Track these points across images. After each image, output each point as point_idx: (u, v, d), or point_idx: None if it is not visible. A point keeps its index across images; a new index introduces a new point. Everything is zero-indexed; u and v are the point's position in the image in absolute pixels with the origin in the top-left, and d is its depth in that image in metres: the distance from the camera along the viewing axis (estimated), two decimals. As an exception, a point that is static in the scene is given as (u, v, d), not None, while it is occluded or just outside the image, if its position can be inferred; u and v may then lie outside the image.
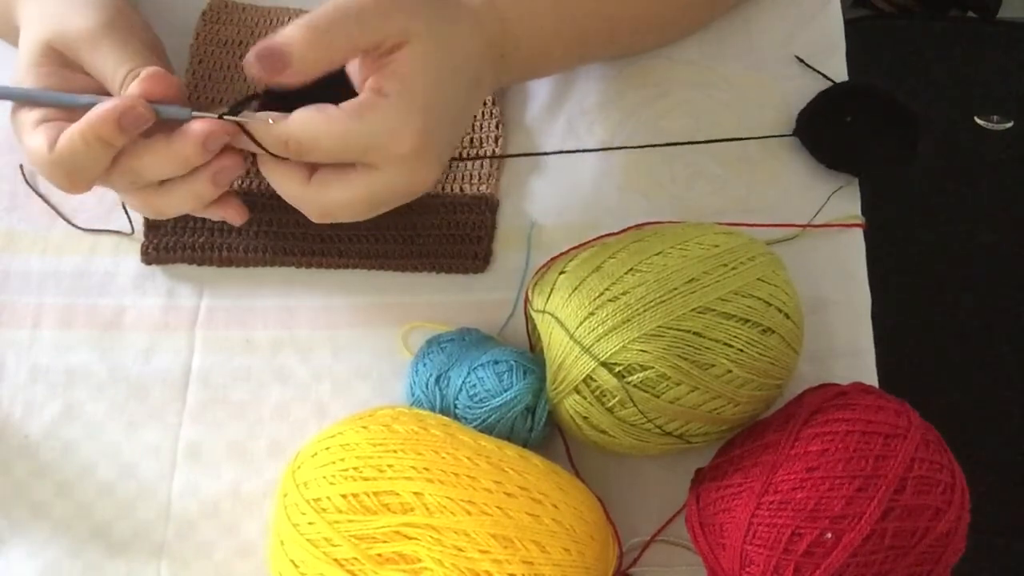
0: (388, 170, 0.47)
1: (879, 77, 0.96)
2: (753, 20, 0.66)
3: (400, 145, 0.46)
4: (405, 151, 0.46)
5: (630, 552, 0.54)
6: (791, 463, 0.47)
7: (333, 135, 0.46)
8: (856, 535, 0.45)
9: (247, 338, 0.60)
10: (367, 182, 0.47)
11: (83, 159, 0.47)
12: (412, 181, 0.48)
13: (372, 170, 0.47)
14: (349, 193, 0.47)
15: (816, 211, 0.61)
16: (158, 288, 0.61)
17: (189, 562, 0.56)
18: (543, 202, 0.62)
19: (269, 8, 0.66)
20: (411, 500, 0.47)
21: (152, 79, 0.47)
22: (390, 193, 0.48)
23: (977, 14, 1.16)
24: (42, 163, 0.48)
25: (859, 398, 0.49)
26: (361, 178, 0.47)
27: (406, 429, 0.49)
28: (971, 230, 0.92)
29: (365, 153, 0.46)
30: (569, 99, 0.65)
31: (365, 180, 0.47)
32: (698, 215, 0.61)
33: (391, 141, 0.46)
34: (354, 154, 0.46)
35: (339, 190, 0.47)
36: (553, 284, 0.53)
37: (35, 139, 0.48)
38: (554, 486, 0.48)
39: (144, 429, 0.58)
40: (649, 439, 0.50)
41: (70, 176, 0.48)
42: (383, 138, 0.46)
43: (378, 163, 0.46)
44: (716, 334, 0.48)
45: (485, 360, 0.53)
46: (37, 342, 0.60)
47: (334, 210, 0.48)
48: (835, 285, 0.60)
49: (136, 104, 0.46)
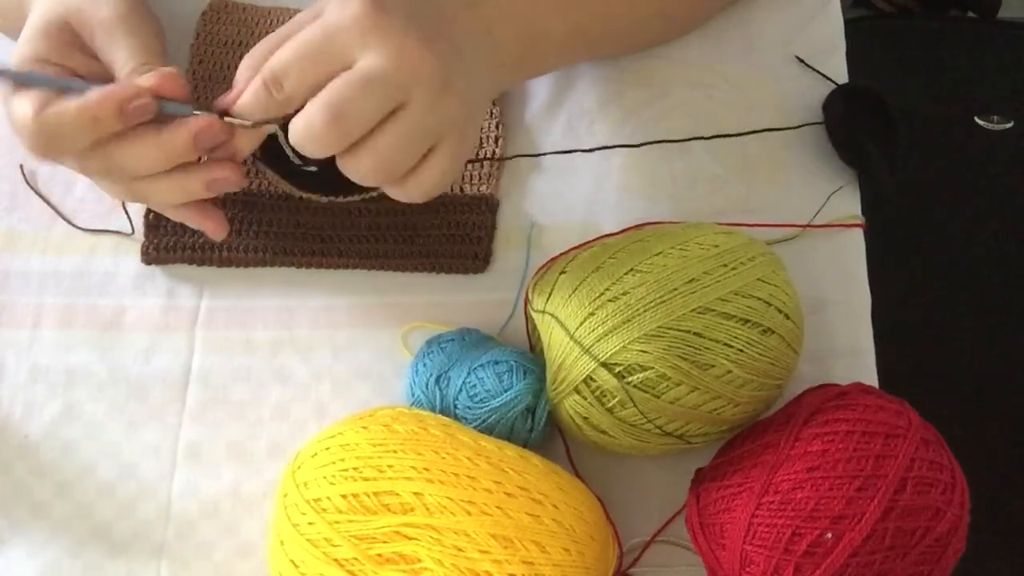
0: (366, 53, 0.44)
1: (879, 77, 0.96)
2: (753, 20, 0.66)
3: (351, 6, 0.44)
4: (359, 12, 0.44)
5: (630, 552, 0.54)
6: (791, 463, 0.47)
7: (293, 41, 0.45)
8: (856, 535, 0.45)
9: (247, 338, 0.60)
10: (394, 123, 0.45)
11: (69, 131, 0.47)
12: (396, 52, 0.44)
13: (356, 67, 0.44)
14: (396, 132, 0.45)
15: (816, 211, 0.61)
16: (158, 288, 0.61)
17: (189, 562, 0.56)
18: (543, 202, 0.62)
19: (269, 8, 0.66)
20: (411, 500, 0.47)
21: (168, 77, 0.48)
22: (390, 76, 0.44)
23: (977, 14, 1.16)
24: (24, 126, 0.47)
25: (859, 398, 0.49)
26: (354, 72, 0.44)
27: (406, 429, 0.49)
28: (971, 230, 0.92)
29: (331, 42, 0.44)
30: (569, 99, 0.65)
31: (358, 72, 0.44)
32: (698, 215, 0.60)
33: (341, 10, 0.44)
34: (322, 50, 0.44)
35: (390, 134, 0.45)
36: (553, 284, 0.53)
37: (21, 103, 0.48)
38: (554, 486, 0.48)
39: (144, 429, 0.58)
40: (649, 439, 0.50)
41: (48, 144, 0.47)
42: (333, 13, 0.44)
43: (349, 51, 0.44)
44: (716, 334, 0.48)
45: (485, 360, 0.53)
46: (37, 342, 0.60)
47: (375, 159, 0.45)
48: (835, 285, 0.60)
49: (143, 95, 0.47)
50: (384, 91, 0.44)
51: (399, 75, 0.44)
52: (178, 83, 0.48)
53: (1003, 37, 1.00)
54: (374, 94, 0.44)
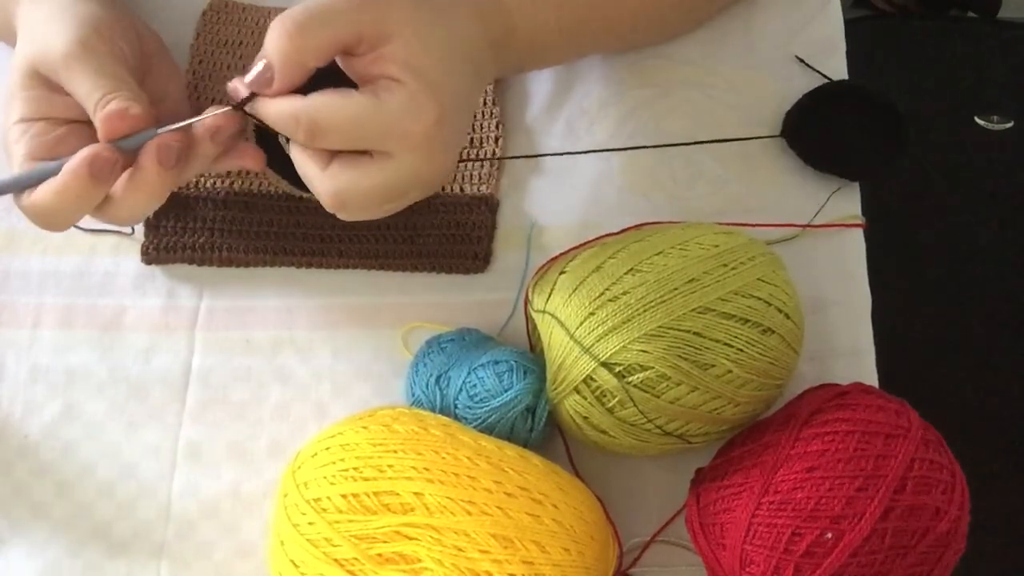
0: (404, 157, 0.46)
1: (879, 77, 0.96)
2: (753, 20, 0.66)
3: (417, 126, 0.45)
4: (421, 133, 0.45)
5: (630, 552, 0.54)
6: (791, 463, 0.47)
7: (350, 115, 0.45)
8: (856, 535, 0.45)
9: (247, 338, 0.60)
10: (383, 168, 0.46)
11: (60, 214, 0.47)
12: (428, 168, 0.46)
13: (388, 158, 0.46)
14: (365, 181, 0.46)
15: (816, 211, 0.61)
16: (158, 288, 0.61)
17: (189, 562, 0.56)
18: (543, 202, 0.62)
19: (269, 8, 0.66)
20: (411, 500, 0.47)
21: (111, 118, 0.47)
22: (405, 182, 0.46)
23: (977, 14, 1.16)
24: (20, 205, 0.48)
25: (859, 398, 0.49)
26: (377, 165, 0.46)
27: (406, 429, 0.49)
28: (971, 230, 0.92)
29: (381, 137, 0.45)
30: (569, 99, 0.65)
31: (380, 167, 0.46)
32: (698, 215, 0.60)
33: (408, 122, 0.45)
34: (370, 137, 0.45)
35: (355, 176, 0.46)
36: (553, 284, 0.53)
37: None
38: (554, 486, 0.48)
39: (144, 429, 0.58)
40: (649, 439, 0.50)
41: (49, 226, 0.48)
42: (401, 120, 0.45)
43: (393, 149, 0.45)
44: (716, 334, 0.48)
45: (485, 360, 0.53)
46: (37, 342, 0.60)
47: (348, 198, 0.47)
48: (835, 285, 0.60)
49: (100, 150, 0.46)
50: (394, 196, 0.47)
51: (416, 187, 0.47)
52: (122, 118, 0.47)
53: (1003, 37, 1.00)
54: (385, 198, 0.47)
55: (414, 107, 0.45)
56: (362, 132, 0.45)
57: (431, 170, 0.47)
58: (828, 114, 0.62)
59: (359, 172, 0.46)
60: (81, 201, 0.46)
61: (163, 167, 0.47)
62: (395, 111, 0.45)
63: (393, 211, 0.48)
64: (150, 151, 0.47)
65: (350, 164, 0.46)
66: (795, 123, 0.62)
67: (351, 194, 0.46)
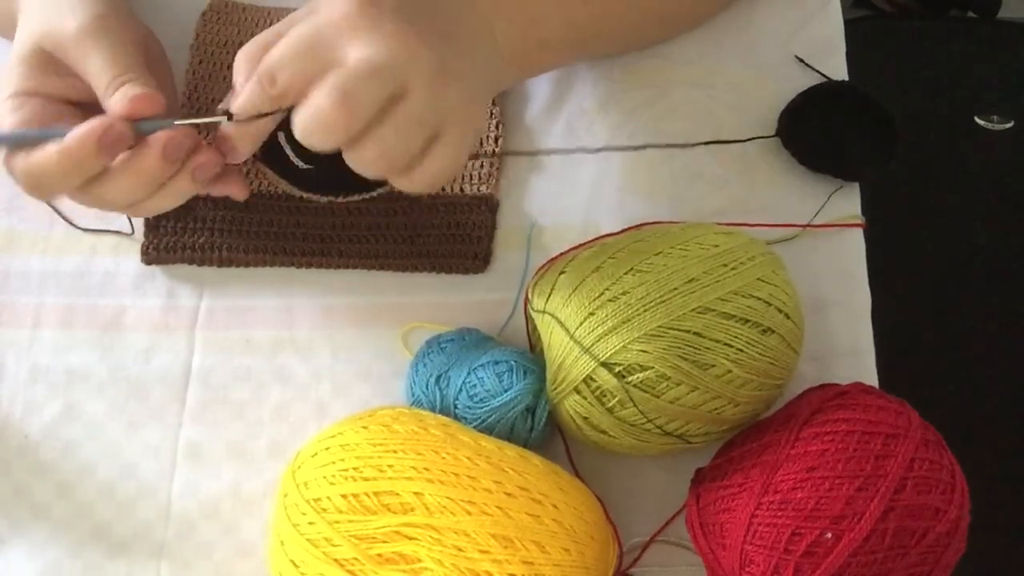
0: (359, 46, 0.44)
1: (879, 77, 0.96)
2: (753, 20, 0.66)
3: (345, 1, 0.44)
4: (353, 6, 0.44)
5: (630, 552, 0.54)
6: (791, 463, 0.47)
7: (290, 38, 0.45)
8: (856, 535, 0.45)
9: (247, 338, 0.60)
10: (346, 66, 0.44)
11: (55, 177, 0.47)
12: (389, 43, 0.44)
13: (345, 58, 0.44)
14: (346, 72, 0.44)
15: (816, 211, 0.61)
16: (158, 288, 0.61)
17: (189, 562, 0.56)
18: (543, 202, 0.62)
19: (269, 8, 0.66)
20: (411, 500, 0.47)
21: (141, 99, 0.47)
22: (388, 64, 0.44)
23: (977, 14, 1.16)
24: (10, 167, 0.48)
25: (859, 398, 0.49)
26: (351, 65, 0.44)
27: (406, 429, 0.49)
28: (971, 230, 0.92)
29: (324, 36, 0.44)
30: (569, 99, 0.65)
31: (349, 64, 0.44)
32: (698, 215, 0.60)
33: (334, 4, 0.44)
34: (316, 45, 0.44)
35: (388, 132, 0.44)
36: (553, 284, 0.53)
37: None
38: (554, 486, 0.48)
39: (144, 429, 0.58)
40: (649, 439, 0.50)
41: (38, 190, 0.48)
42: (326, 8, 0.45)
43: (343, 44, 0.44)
44: (716, 334, 0.48)
45: (485, 360, 0.53)
46: (37, 342, 0.60)
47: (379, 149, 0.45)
48: (835, 285, 0.60)
49: (116, 124, 0.46)
50: (384, 77, 0.44)
51: (395, 62, 0.44)
52: (152, 101, 0.47)
53: (1003, 37, 1.01)
54: (375, 80, 0.44)
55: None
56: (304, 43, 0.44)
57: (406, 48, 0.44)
58: (822, 114, 0.62)
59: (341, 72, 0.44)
60: (80, 169, 0.46)
61: (166, 160, 0.47)
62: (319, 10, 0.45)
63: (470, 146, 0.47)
64: (159, 140, 0.47)
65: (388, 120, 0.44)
66: (789, 123, 0.62)
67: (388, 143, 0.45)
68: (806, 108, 0.62)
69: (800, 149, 0.61)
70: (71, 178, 0.47)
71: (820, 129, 0.62)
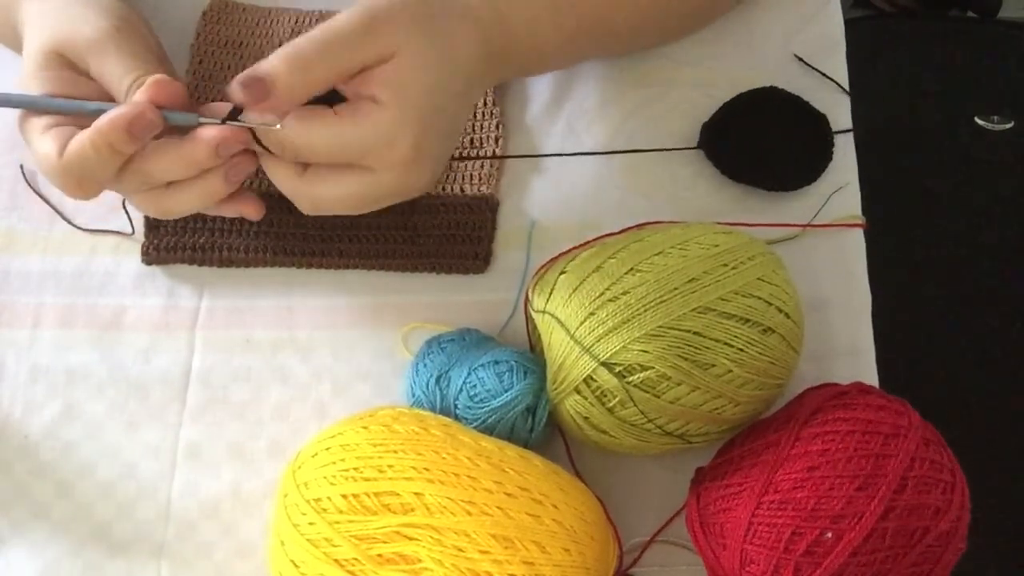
0: (382, 173, 0.47)
1: (879, 77, 0.96)
2: (753, 20, 0.66)
3: (394, 152, 0.47)
4: (399, 158, 0.47)
5: (630, 552, 0.54)
6: (791, 463, 0.47)
7: (328, 139, 0.46)
8: (856, 534, 0.45)
9: (247, 338, 0.60)
10: (360, 181, 0.48)
11: (93, 165, 0.47)
12: (405, 185, 0.48)
13: (366, 171, 0.48)
14: (342, 190, 0.48)
15: (816, 211, 0.61)
16: (158, 288, 0.61)
17: (189, 562, 0.56)
18: (543, 202, 0.62)
19: (269, 8, 0.66)
20: (411, 500, 0.47)
21: (158, 85, 0.48)
22: (382, 194, 0.49)
23: (977, 14, 1.16)
24: (51, 169, 0.48)
25: (859, 398, 0.49)
26: (355, 177, 0.48)
27: (406, 429, 0.49)
28: (971, 230, 0.92)
29: (360, 158, 0.47)
30: (569, 99, 0.65)
31: (358, 179, 0.48)
32: (698, 215, 0.60)
33: (386, 147, 0.46)
34: (348, 158, 0.47)
35: (332, 186, 0.48)
36: (553, 284, 0.53)
37: (44, 144, 0.48)
38: (554, 486, 0.48)
39: (144, 429, 0.58)
40: (650, 439, 0.50)
41: (80, 182, 0.48)
42: (378, 144, 0.46)
43: (372, 166, 0.47)
44: (716, 334, 0.48)
45: (485, 360, 0.53)
46: (37, 342, 0.60)
47: (325, 204, 0.49)
48: (835, 285, 0.60)
49: (145, 110, 0.46)
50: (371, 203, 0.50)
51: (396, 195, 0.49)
52: (169, 87, 0.48)
53: (1003, 37, 1.01)
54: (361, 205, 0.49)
55: (390, 132, 0.46)
56: (341, 154, 0.47)
57: (409, 185, 0.49)
58: (750, 123, 0.62)
59: (335, 181, 0.48)
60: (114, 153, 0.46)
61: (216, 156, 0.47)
62: (370, 136, 0.46)
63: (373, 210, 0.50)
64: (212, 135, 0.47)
65: (327, 173, 0.48)
66: (712, 134, 0.62)
67: (328, 200, 0.49)
68: (730, 118, 0.62)
69: (722, 160, 0.61)
70: (109, 163, 0.47)
71: (746, 139, 0.61)
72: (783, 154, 0.61)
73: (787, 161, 0.61)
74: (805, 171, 0.61)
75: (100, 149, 0.46)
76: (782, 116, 0.62)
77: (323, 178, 0.48)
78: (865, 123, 0.64)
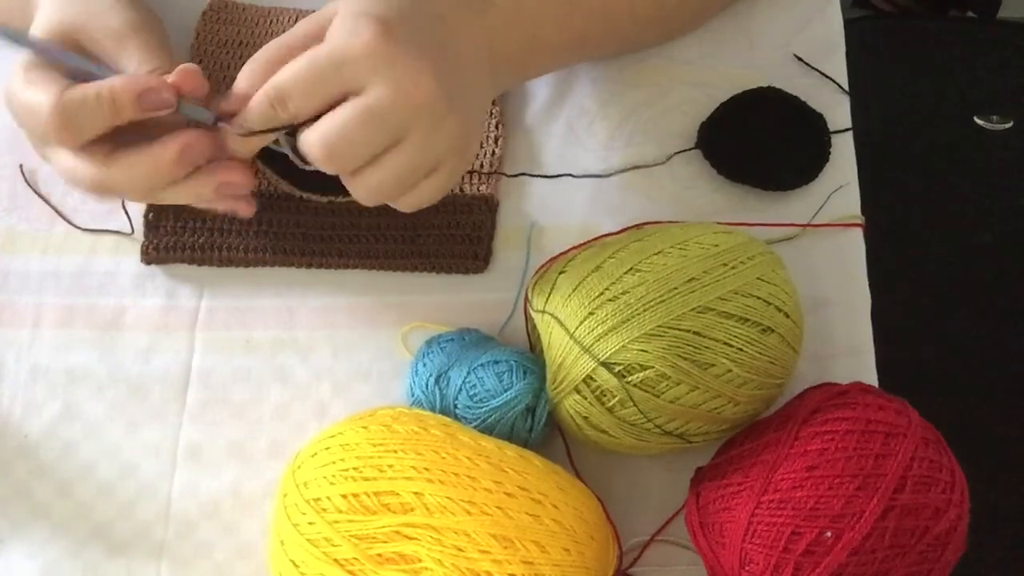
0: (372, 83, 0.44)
1: (879, 77, 0.96)
2: (753, 20, 0.66)
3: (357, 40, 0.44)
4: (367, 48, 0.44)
5: (630, 552, 0.54)
6: (791, 462, 0.47)
7: (302, 64, 0.45)
8: (856, 534, 0.45)
9: (247, 338, 0.60)
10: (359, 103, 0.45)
11: (87, 114, 0.46)
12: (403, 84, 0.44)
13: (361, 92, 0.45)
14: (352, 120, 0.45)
15: (816, 211, 0.61)
16: (158, 288, 0.61)
17: (189, 562, 0.56)
18: (543, 202, 0.62)
19: (269, 8, 0.66)
20: (411, 500, 0.47)
21: (186, 72, 0.48)
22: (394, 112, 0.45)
23: (977, 14, 1.17)
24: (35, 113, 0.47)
25: (859, 397, 0.49)
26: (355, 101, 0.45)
27: (406, 429, 0.50)
28: (971, 230, 0.92)
29: (337, 71, 0.45)
30: (569, 99, 0.65)
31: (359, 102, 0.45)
32: (698, 215, 0.61)
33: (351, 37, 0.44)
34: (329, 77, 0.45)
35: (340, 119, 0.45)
36: (553, 284, 0.53)
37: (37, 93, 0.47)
38: (554, 486, 0.48)
39: (144, 429, 0.58)
40: (649, 439, 0.50)
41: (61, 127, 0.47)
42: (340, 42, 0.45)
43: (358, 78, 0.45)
44: (716, 333, 0.48)
45: (485, 360, 0.53)
46: (37, 342, 0.60)
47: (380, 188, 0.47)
48: (835, 285, 0.60)
49: (163, 87, 0.47)
50: (384, 127, 0.45)
51: (401, 111, 0.45)
52: (196, 81, 0.48)
53: (1003, 37, 1.01)
54: (373, 130, 0.45)
55: (352, 22, 0.45)
56: (319, 74, 0.45)
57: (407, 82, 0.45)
58: (747, 122, 0.62)
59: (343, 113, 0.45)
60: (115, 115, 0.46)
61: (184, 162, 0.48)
62: (337, 36, 0.45)
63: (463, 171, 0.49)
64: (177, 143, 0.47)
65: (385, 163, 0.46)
66: (709, 134, 0.62)
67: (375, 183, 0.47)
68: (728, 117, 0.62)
69: (720, 160, 0.61)
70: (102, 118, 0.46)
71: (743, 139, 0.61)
72: (780, 154, 0.62)
73: (784, 161, 0.61)
74: (802, 171, 0.61)
75: (103, 102, 0.46)
76: (779, 116, 0.62)
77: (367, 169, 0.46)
78: (865, 123, 0.64)
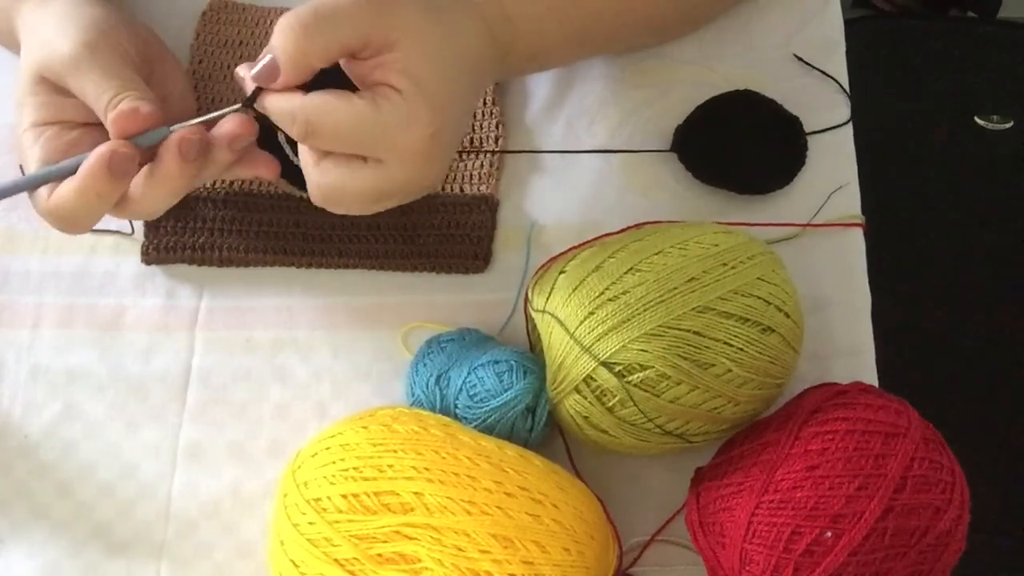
0: (395, 166, 0.46)
1: (879, 77, 0.96)
2: (753, 20, 0.66)
3: (410, 139, 0.46)
4: (416, 147, 0.46)
5: (630, 552, 0.54)
6: (791, 462, 0.47)
7: (346, 120, 0.45)
8: (856, 534, 0.45)
9: (247, 338, 0.60)
10: (374, 173, 0.47)
11: (80, 212, 0.47)
12: (419, 177, 0.47)
13: (380, 164, 0.46)
14: (355, 182, 0.47)
15: (816, 210, 0.61)
16: (158, 288, 0.61)
17: (189, 562, 0.56)
18: (543, 202, 0.62)
19: (269, 8, 0.66)
20: (411, 500, 0.47)
21: (122, 118, 0.47)
22: (395, 187, 0.47)
23: (977, 14, 1.17)
24: (41, 210, 0.48)
25: (859, 397, 0.49)
26: (369, 169, 0.47)
27: (406, 429, 0.50)
28: (971, 230, 0.92)
29: (374, 145, 0.46)
30: (569, 99, 0.65)
31: (372, 172, 0.47)
32: (698, 215, 0.60)
33: (403, 133, 0.45)
34: (363, 144, 0.46)
35: (345, 176, 0.47)
36: (553, 284, 0.53)
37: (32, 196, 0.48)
38: (554, 486, 0.48)
39: (144, 429, 0.58)
40: (649, 438, 0.50)
41: (71, 227, 0.48)
42: (396, 131, 0.45)
43: (386, 158, 0.46)
44: (716, 333, 0.48)
45: (485, 360, 0.53)
46: (37, 342, 0.60)
47: (334, 195, 0.48)
48: (835, 285, 0.60)
49: (116, 147, 0.46)
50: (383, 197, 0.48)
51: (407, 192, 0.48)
52: (134, 118, 0.47)
53: (1003, 37, 1.01)
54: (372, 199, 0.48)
55: (410, 120, 0.45)
56: (356, 138, 0.46)
57: (421, 178, 0.48)
58: (722, 126, 0.62)
59: (350, 172, 0.47)
60: (101, 199, 0.47)
61: (185, 160, 0.47)
62: (390, 122, 0.45)
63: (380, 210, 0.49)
64: (171, 145, 0.47)
65: (343, 163, 0.47)
66: (684, 137, 0.62)
67: (338, 192, 0.47)
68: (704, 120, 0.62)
69: (695, 164, 0.61)
70: (98, 209, 0.47)
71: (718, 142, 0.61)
72: (756, 157, 0.61)
73: (760, 164, 0.61)
74: (778, 174, 0.61)
75: (85, 198, 0.46)
76: (755, 119, 0.62)
77: (336, 166, 0.47)
78: (865, 123, 0.64)
